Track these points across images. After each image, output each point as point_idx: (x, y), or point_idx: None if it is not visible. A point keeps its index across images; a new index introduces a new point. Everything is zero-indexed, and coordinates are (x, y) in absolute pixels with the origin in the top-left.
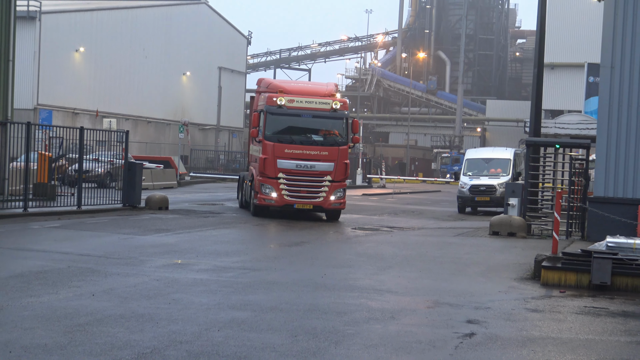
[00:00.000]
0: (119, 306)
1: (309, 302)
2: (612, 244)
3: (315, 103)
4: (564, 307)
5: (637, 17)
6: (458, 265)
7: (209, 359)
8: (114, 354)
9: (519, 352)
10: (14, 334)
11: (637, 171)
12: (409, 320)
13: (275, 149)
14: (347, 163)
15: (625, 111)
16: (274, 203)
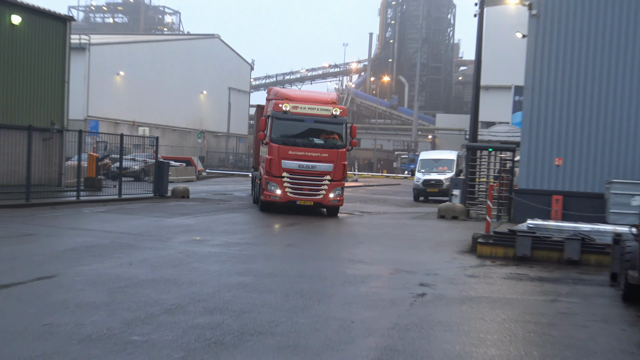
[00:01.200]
0: (151, 273)
1: (299, 270)
2: (531, 225)
3: (317, 109)
4: (494, 274)
5: (551, 52)
6: (413, 242)
7: (220, 313)
8: (147, 309)
9: (460, 308)
10: (69, 294)
11: (550, 170)
12: (375, 284)
13: (280, 150)
14: (345, 164)
15: (542, 123)
16: (278, 199)
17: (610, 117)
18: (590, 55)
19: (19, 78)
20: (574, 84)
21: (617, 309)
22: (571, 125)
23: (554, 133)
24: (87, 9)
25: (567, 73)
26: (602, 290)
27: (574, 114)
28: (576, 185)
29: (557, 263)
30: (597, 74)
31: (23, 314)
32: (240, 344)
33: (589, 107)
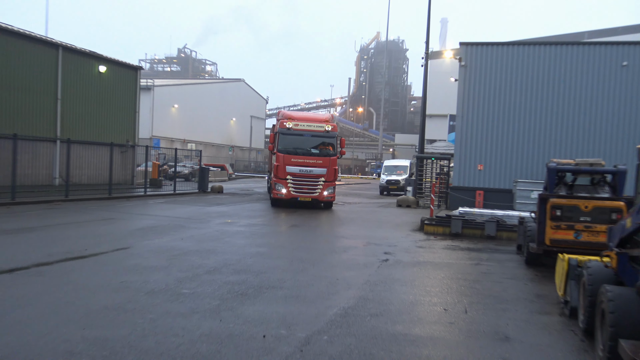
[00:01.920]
0: (196, 245)
1: (299, 243)
2: (462, 211)
3: (314, 126)
4: (436, 245)
5: (474, 92)
6: (379, 223)
7: (244, 274)
8: (193, 271)
9: (412, 269)
10: (138, 260)
11: (474, 173)
12: (353, 252)
13: (284, 158)
14: (337, 169)
15: (469, 141)
16: (283, 197)
17: (516, 137)
18: (501, 94)
19: (104, 109)
20: (490, 113)
21: (521, 270)
22: (489, 142)
23: (477, 147)
24: (152, 61)
25: (485, 106)
26: (511, 257)
27: (491, 134)
28: (493, 184)
29: (479, 238)
30: (506, 107)
31: (106, 274)
32: (258, 294)
33: (501, 129)
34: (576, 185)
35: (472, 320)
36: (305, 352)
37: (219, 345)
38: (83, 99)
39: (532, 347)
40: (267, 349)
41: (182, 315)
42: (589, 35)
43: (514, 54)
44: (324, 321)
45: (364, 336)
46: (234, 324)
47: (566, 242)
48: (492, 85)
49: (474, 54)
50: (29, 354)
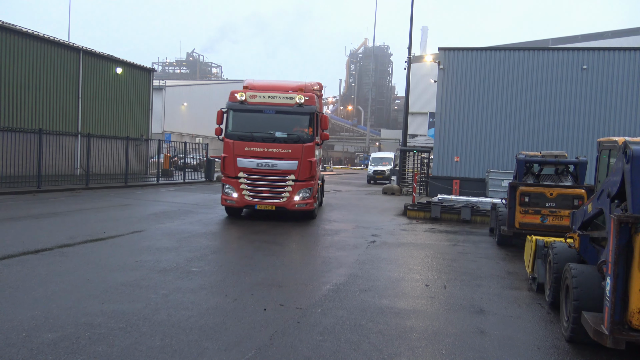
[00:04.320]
0: (203, 228)
1: (302, 226)
2: (440, 198)
3: (278, 98)
4: (418, 228)
5: (452, 92)
6: (367, 208)
7: (249, 254)
8: (201, 251)
9: (397, 249)
10: (152, 242)
11: (451, 164)
12: (344, 235)
13: (235, 147)
14: (313, 161)
15: (447, 135)
16: (235, 204)
17: (489, 132)
18: (475, 94)
19: (121, 107)
20: (466, 111)
21: (494, 250)
22: (464, 137)
23: (454, 141)
24: (163, 63)
25: (462, 104)
26: (485, 238)
27: (466, 129)
28: (468, 173)
29: (456, 222)
30: (480, 105)
31: (122, 254)
32: (260, 272)
33: (476, 125)
34: (542, 174)
35: (451, 295)
36: (302, 323)
37: (224, 318)
38: (102, 98)
39: (504, 318)
40: (268, 321)
41: (191, 290)
42: (553, 42)
43: (487, 58)
44: (319, 296)
45: (354, 309)
46: (237, 299)
47: (533, 225)
48: (468, 86)
49: (451, 58)
50: (54, 326)
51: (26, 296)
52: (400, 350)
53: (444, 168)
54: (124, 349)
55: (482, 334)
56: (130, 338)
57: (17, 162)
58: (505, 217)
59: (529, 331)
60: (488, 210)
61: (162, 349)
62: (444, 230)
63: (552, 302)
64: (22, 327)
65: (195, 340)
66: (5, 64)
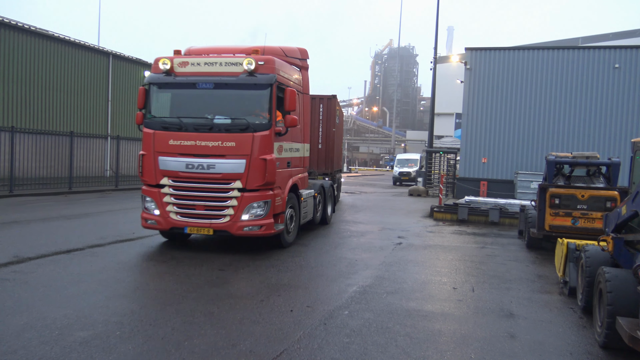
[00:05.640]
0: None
1: (328, 227)
2: (468, 200)
3: (219, 65)
4: (444, 230)
5: (479, 92)
6: (393, 210)
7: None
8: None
9: (423, 251)
10: (176, 239)
11: (479, 165)
12: (370, 236)
13: (156, 140)
14: (270, 160)
15: (474, 136)
16: (156, 225)
17: (517, 132)
18: (503, 94)
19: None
20: (493, 111)
21: (523, 253)
22: (492, 138)
23: (481, 142)
24: None
25: (489, 104)
26: (514, 241)
27: (494, 130)
28: (496, 175)
29: (484, 224)
30: (508, 105)
31: (153, 254)
32: (287, 272)
33: (504, 126)
34: (573, 176)
35: (479, 298)
36: (329, 325)
37: (251, 318)
38: (130, 101)
39: (535, 323)
40: (295, 322)
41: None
42: (583, 41)
43: (514, 58)
44: (345, 298)
45: (381, 311)
46: (264, 300)
47: (564, 228)
48: (495, 86)
49: (478, 58)
50: (85, 324)
51: (59, 295)
52: (429, 353)
53: (471, 169)
54: (153, 348)
55: (512, 339)
56: (158, 336)
57: (49, 163)
58: (535, 220)
59: (560, 336)
60: (517, 212)
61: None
62: (471, 232)
63: (584, 307)
64: (55, 325)
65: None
66: (38, 68)
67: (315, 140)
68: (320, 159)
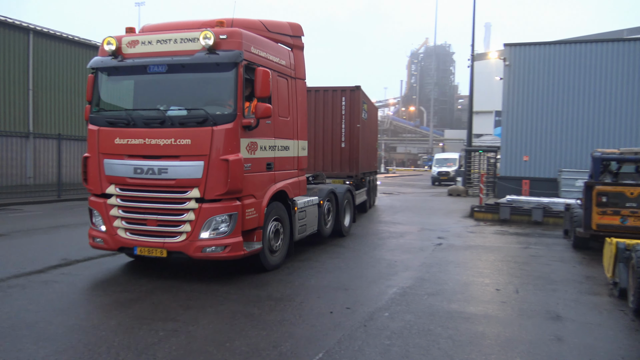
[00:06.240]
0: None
1: (367, 228)
2: (509, 199)
3: (173, 42)
4: (486, 231)
5: (518, 88)
6: (432, 210)
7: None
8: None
9: (464, 252)
10: None
11: (520, 163)
12: (409, 237)
13: (100, 139)
14: (236, 160)
15: (514, 134)
16: (103, 244)
17: (559, 129)
18: (544, 90)
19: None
20: (534, 108)
21: (569, 253)
22: (533, 135)
23: (522, 140)
24: None
25: (529, 101)
26: (558, 241)
27: (535, 127)
28: (538, 173)
29: (527, 224)
30: (550, 101)
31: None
32: (330, 272)
33: (545, 122)
34: (621, 173)
35: (524, 300)
36: (369, 327)
37: (290, 319)
38: (67, 91)
39: (583, 326)
40: (335, 324)
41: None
42: (628, 33)
43: (556, 52)
44: (385, 299)
45: (422, 313)
46: (304, 301)
47: (612, 227)
48: (536, 82)
49: (518, 54)
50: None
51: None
52: (472, 356)
53: (512, 168)
54: (196, 349)
55: (560, 342)
56: (199, 336)
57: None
58: (581, 219)
59: (611, 340)
60: (561, 211)
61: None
62: (513, 232)
63: (636, 309)
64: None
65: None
66: None
67: (337, 138)
68: (343, 160)
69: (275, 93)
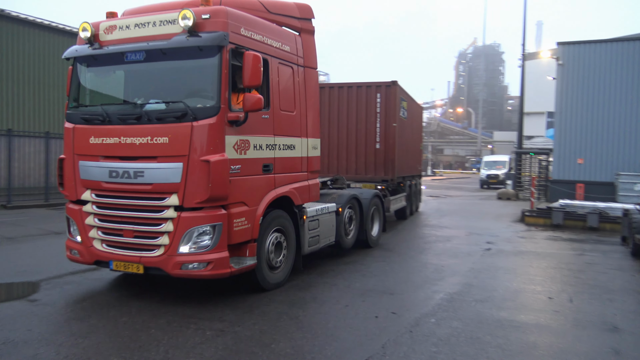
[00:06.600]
0: None
1: (413, 232)
2: (562, 203)
3: (152, 26)
4: (537, 236)
5: (572, 88)
6: (481, 214)
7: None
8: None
9: (514, 258)
10: None
11: (574, 166)
12: (456, 241)
13: (75, 139)
14: (220, 161)
15: (568, 135)
16: (79, 258)
17: (616, 130)
18: (599, 89)
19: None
20: (589, 108)
21: (627, 261)
22: (588, 137)
23: (577, 142)
24: None
25: (584, 101)
26: (615, 248)
27: (590, 129)
28: (593, 176)
29: (581, 229)
30: (605, 101)
31: None
32: (370, 278)
33: (601, 124)
34: None
35: (578, 310)
36: (415, 333)
37: (335, 323)
38: (40, 83)
39: None
40: (380, 329)
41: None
42: None
43: (612, 50)
44: (431, 305)
45: (470, 320)
46: (349, 305)
47: None
48: (591, 81)
49: (572, 53)
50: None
51: None
52: None
53: (566, 171)
54: (242, 349)
55: (617, 355)
56: (245, 337)
57: None
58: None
59: None
60: (619, 216)
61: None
62: (567, 238)
63: None
64: None
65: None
66: None
67: (372, 138)
68: (378, 162)
69: (276, 83)
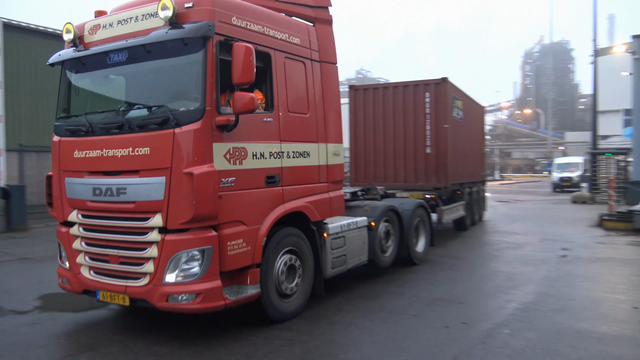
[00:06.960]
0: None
1: (481, 239)
2: None
3: (134, 21)
4: (618, 241)
5: None
6: (554, 219)
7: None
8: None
9: (592, 265)
10: None
11: None
12: (528, 248)
13: (61, 153)
14: (206, 173)
15: None
16: (68, 286)
17: None
18: None
19: None
20: None
21: None
22: None
23: None
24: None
25: None
26: None
27: None
28: None
29: None
30: None
31: None
32: (439, 286)
33: None
34: None
35: None
36: (488, 344)
37: (408, 333)
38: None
39: None
40: (451, 339)
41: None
42: None
43: None
44: (504, 315)
45: (547, 331)
46: (417, 315)
47: None
48: None
49: None
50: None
51: None
52: None
53: None
54: (309, 358)
55: None
56: (313, 346)
57: None
58: None
59: None
60: None
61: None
62: None
63: None
64: None
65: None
66: None
67: (421, 142)
68: (429, 168)
69: (282, 80)
